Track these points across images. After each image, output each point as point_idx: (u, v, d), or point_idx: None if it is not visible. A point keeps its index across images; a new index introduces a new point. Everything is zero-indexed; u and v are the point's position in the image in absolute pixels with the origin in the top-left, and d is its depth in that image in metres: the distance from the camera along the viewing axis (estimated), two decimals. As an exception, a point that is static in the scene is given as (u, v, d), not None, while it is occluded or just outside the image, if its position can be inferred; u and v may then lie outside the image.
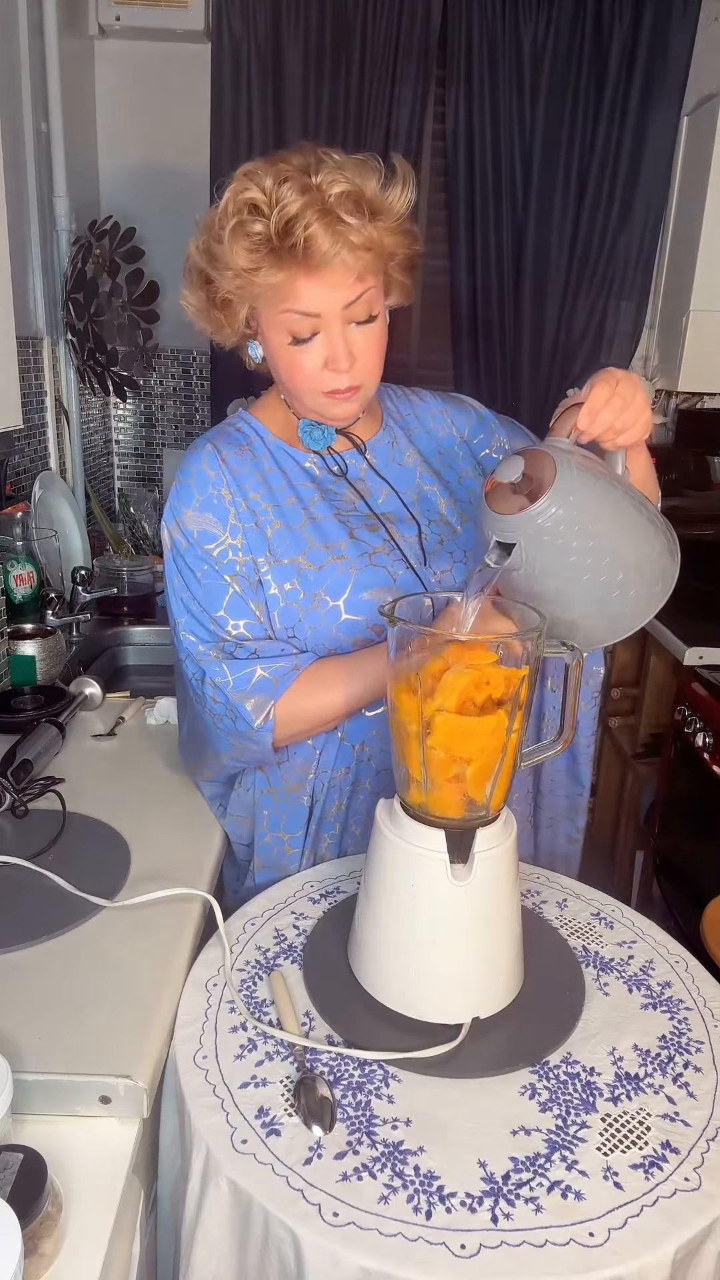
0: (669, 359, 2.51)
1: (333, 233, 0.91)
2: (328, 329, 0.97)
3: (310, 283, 0.95)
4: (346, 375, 1.00)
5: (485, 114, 2.38)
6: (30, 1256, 0.64)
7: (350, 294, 0.96)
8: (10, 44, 1.92)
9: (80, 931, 0.95)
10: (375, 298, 0.99)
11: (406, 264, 1.04)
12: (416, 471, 1.16)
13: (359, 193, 0.94)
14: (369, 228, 0.93)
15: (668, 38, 2.32)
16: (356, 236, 0.92)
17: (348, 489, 1.12)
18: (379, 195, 0.96)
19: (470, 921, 0.84)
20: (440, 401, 1.24)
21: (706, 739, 1.93)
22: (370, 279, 0.97)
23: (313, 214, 0.91)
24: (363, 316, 0.98)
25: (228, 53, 2.35)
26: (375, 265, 0.97)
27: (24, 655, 1.58)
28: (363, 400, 1.05)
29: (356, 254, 0.93)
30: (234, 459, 1.09)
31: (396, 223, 0.97)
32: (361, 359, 1.00)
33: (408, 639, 0.85)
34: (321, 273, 0.94)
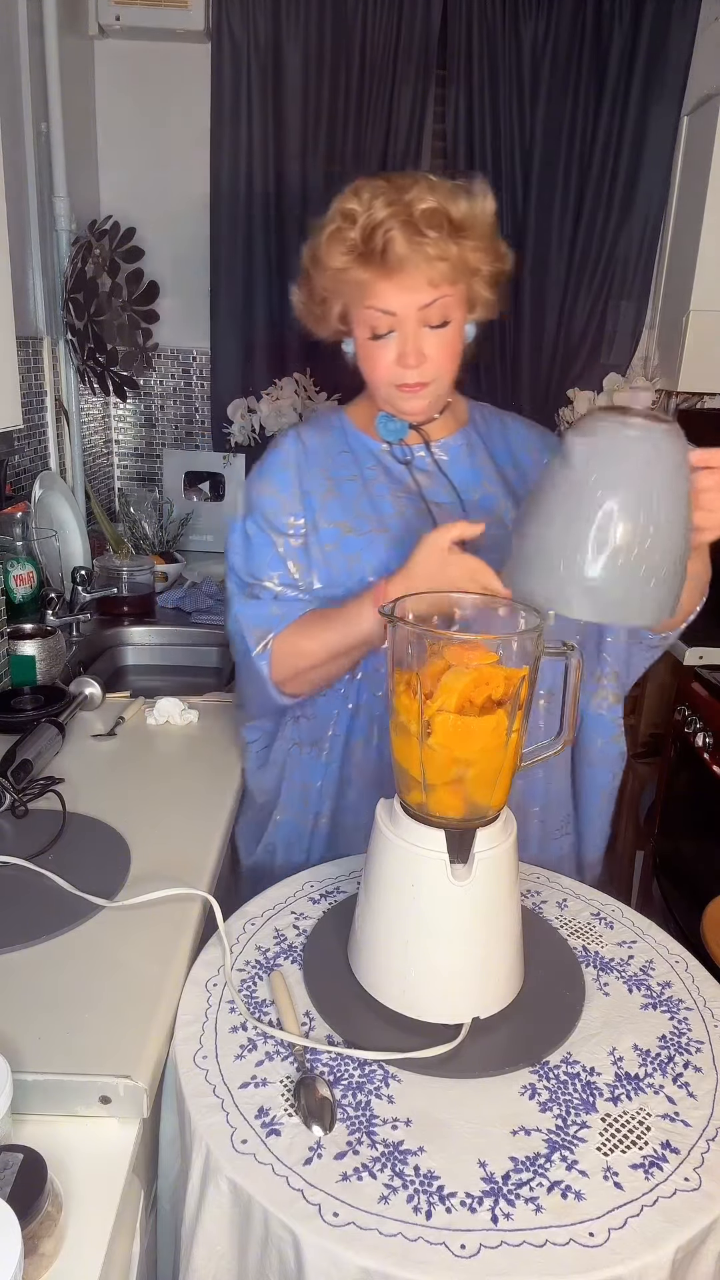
0: (669, 359, 2.51)
1: (411, 242, 1.02)
2: (402, 328, 1.07)
3: (389, 284, 1.05)
4: (415, 372, 1.09)
5: (485, 114, 2.38)
6: (30, 1256, 0.64)
7: (425, 298, 1.05)
8: (10, 44, 1.92)
9: (80, 931, 0.95)
10: (451, 306, 1.07)
11: (491, 280, 1.12)
12: (484, 474, 1.22)
13: (444, 211, 1.03)
14: (449, 243, 1.03)
15: (668, 38, 2.32)
16: (434, 248, 1.02)
17: (410, 478, 1.21)
18: (466, 215, 1.05)
19: (470, 921, 0.84)
20: (531, 430, 1.29)
21: (706, 739, 1.93)
22: (446, 288, 1.06)
23: (395, 223, 1.02)
24: (436, 321, 1.07)
25: (228, 53, 2.35)
26: (453, 276, 1.06)
27: (24, 655, 1.58)
28: (431, 397, 1.13)
29: (432, 263, 1.03)
30: (313, 440, 1.23)
31: (480, 242, 1.07)
32: (432, 359, 1.09)
33: (407, 639, 0.85)
34: (398, 276, 1.04)
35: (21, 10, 1.93)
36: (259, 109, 2.38)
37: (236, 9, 2.31)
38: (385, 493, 1.20)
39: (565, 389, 2.59)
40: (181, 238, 2.54)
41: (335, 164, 2.40)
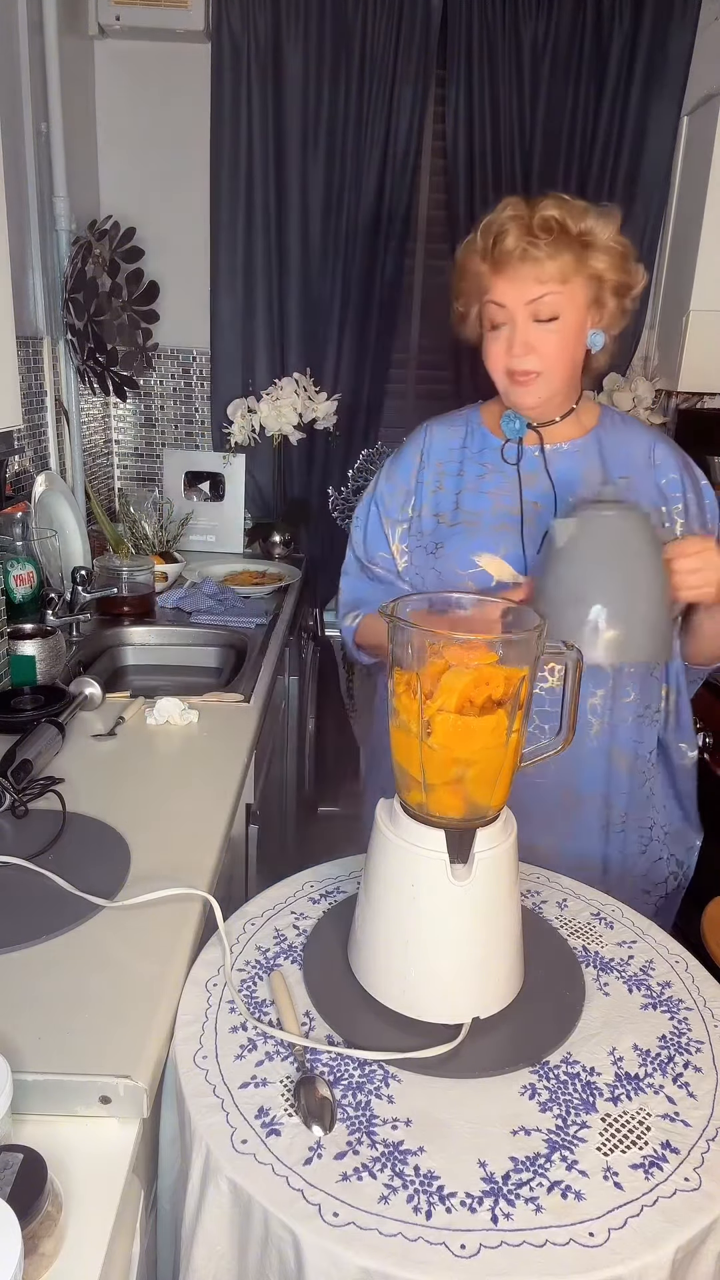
0: (669, 359, 2.51)
1: (521, 241, 1.14)
2: (512, 320, 1.18)
3: (500, 279, 1.18)
4: (521, 360, 1.19)
5: (485, 114, 2.38)
6: (30, 1256, 0.64)
7: (532, 293, 1.16)
8: (10, 44, 1.92)
9: (80, 931, 0.95)
10: (561, 304, 1.17)
11: (617, 289, 1.21)
12: (587, 480, 1.27)
13: (560, 219, 1.15)
14: (561, 248, 1.15)
15: (668, 37, 2.32)
16: (543, 249, 1.14)
17: (516, 475, 1.30)
18: (587, 227, 1.16)
19: (470, 921, 0.84)
20: (662, 445, 1.32)
21: (706, 739, 1.93)
22: (555, 285, 1.16)
23: (512, 225, 1.15)
24: (545, 315, 1.17)
25: (228, 53, 2.35)
26: (562, 276, 1.16)
27: (24, 655, 1.58)
28: (544, 393, 1.22)
29: (540, 263, 1.15)
30: (439, 434, 1.37)
31: (603, 254, 1.17)
32: (540, 351, 1.19)
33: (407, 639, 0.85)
34: (507, 271, 1.17)
35: (21, 10, 1.93)
36: (259, 109, 2.38)
37: (236, 9, 2.31)
38: (489, 488, 1.30)
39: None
40: (181, 238, 2.54)
41: (335, 164, 2.40)
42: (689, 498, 1.29)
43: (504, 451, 1.31)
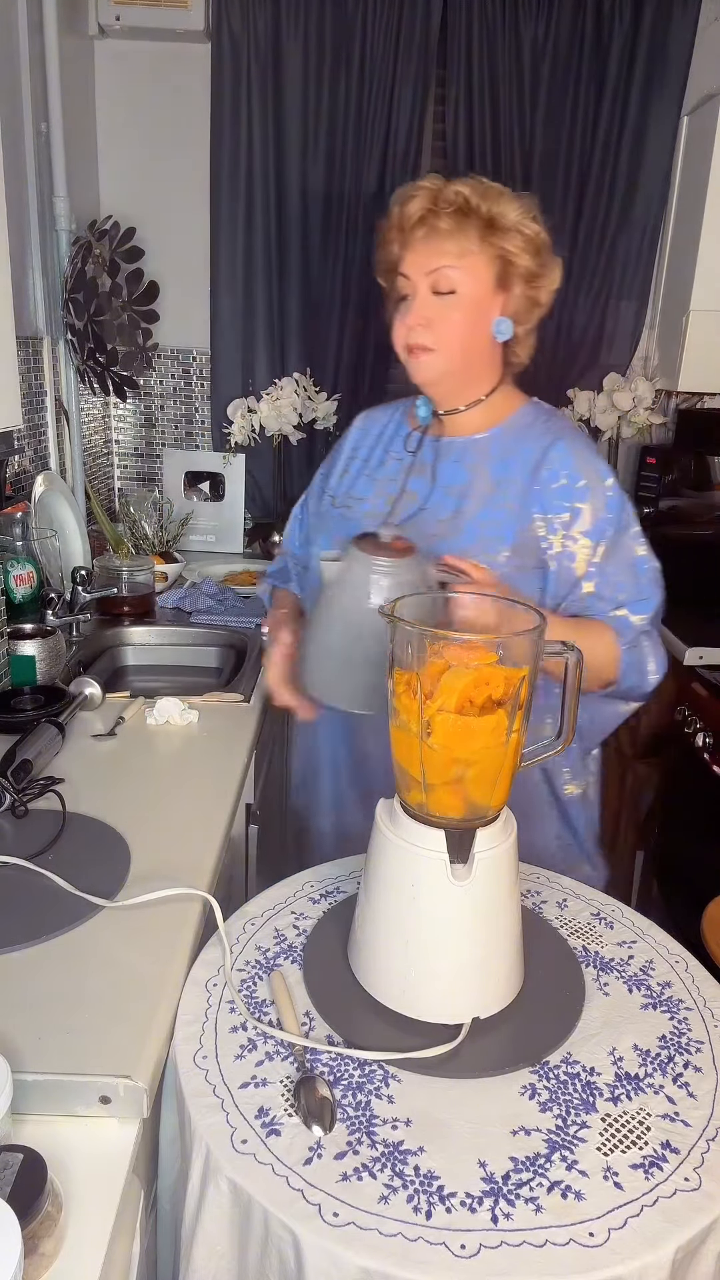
0: (669, 359, 2.51)
1: (427, 213, 1.15)
2: (414, 291, 1.17)
3: (406, 251, 1.17)
4: (417, 331, 1.17)
5: (485, 114, 2.38)
6: (30, 1256, 0.64)
7: (431, 263, 1.15)
8: (10, 44, 1.92)
9: (80, 931, 0.95)
10: (460, 279, 1.15)
11: (526, 276, 1.19)
12: (474, 477, 1.24)
13: (470, 197, 1.14)
14: (467, 224, 1.14)
15: (668, 38, 2.32)
16: (443, 222, 1.14)
17: (407, 464, 1.29)
18: (498, 211, 1.14)
19: (470, 921, 0.84)
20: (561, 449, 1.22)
21: (706, 739, 1.93)
22: (453, 260, 1.14)
23: (420, 196, 1.15)
24: (443, 288, 1.16)
25: (228, 53, 2.35)
26: (462, 251, 1.14)
27: (24, 655, 1.58)
28: (437, 366, 1.19)
29: (440, 234, 1.14)
30: (371, 417, 1.39)
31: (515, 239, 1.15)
32: (436, 325, 1.17)
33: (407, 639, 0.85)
34: (411, 241, 1.16)
35: (21, 10, 1.93)
36: (259, 109, 2.38)
37: (236, 9, 2.31)
38: (381, 475, 1.30)
39: (565, 389, 2.59)
40: (181, 238, 2.54)
41: (335, 164, 2.40)
42: (579, 506, 1.20)
43: (407, 439, 1.30)
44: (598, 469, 1.22)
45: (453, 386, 1.23)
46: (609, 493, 1.21)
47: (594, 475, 1.21)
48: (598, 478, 1.21)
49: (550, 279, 1.21)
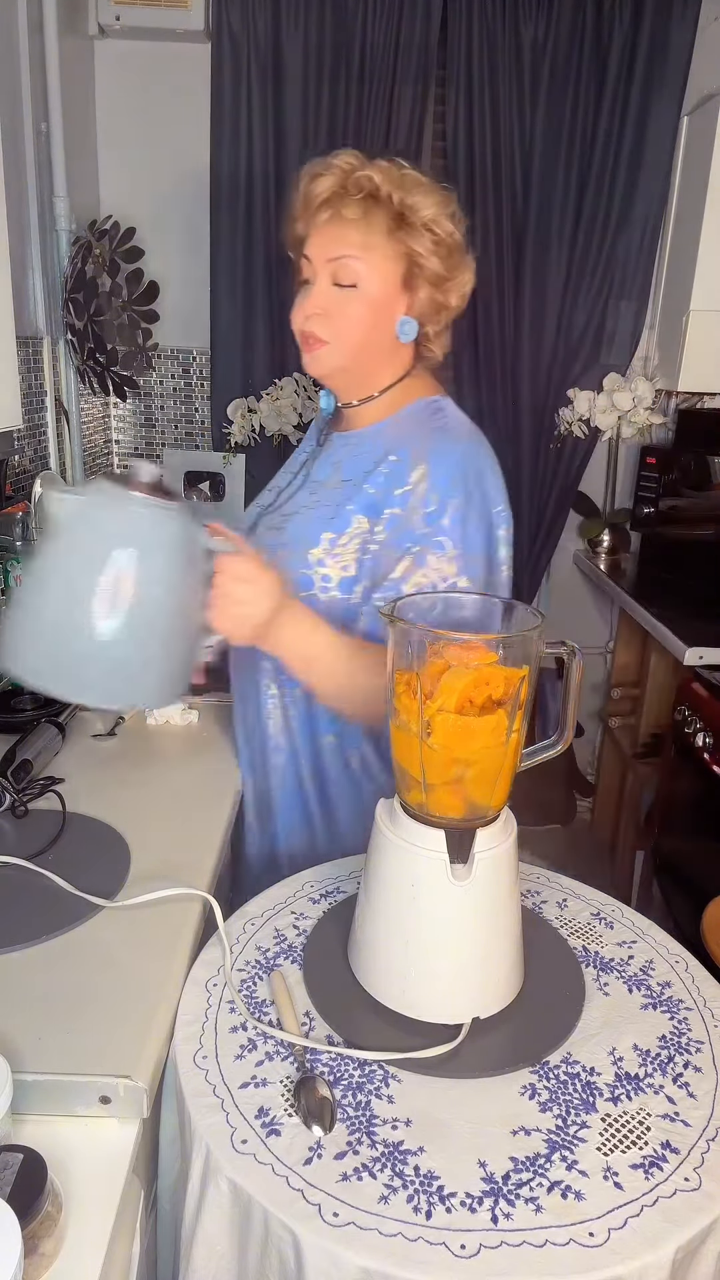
0: (669, 359, 2.51)
1: (334, 194, 1.09)
2: (316, 277, 1.11)
3: (310, 232, 1.11)
4: (311, 321, 1.11)
5: (485, 114, 2.38)
6: (30, 1256, 0.64)
7: (333, 250, 1.09)
8: (10, 44, 1.92)
9: (80, 931, 0.95)
10: (363, 272, 1.09)
11: (433, 279, 1.12)
12: (332, 474, 1.20)
13: (382, 185, 1.08)
14: (374, 213, 1.08)
15: (668, 38, 2.32)
16: (352, 210, 1.08)
17: (311, 455, 1.27)
18: (410, 202, 1.09)
19: (470, 921, 0.84)
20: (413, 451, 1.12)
21: (706, 739, 1.93)
22: (356, 251, 1.08)
23: (330, 176, 1.10)
24: (344, 280, 1.09)
25: (228, 53, 2.35)
26: (366, 243, 1.08)
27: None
28: (330, 361, 1.13)
29: (344, 221, 1.08)
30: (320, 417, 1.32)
31: (424, 235, 1.09)
32: (332, 318, 1.11)
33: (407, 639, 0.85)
34: (315, 222, 1.10)
35: (21, 10, 1.94)
36: (259, 109, 2.38)
37: (236, 9, 2.31)
38: (294, 467, 1.29)
39: (565, 389, 2.59)
40: (181, 238, 2.54)
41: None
42: (401, 512, 1.09)
43: (321, 432, 1.28)
44: (446, 481, 1.09)
45: (348, 382, 1.18)
46: (460, 514, 1.08)
47: (438, 489, 1.09)
48: (445, 491, 1.09)
49: (460, 282, 1.15)
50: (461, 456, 1.13)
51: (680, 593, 2.31)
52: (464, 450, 1.14)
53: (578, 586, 2.93)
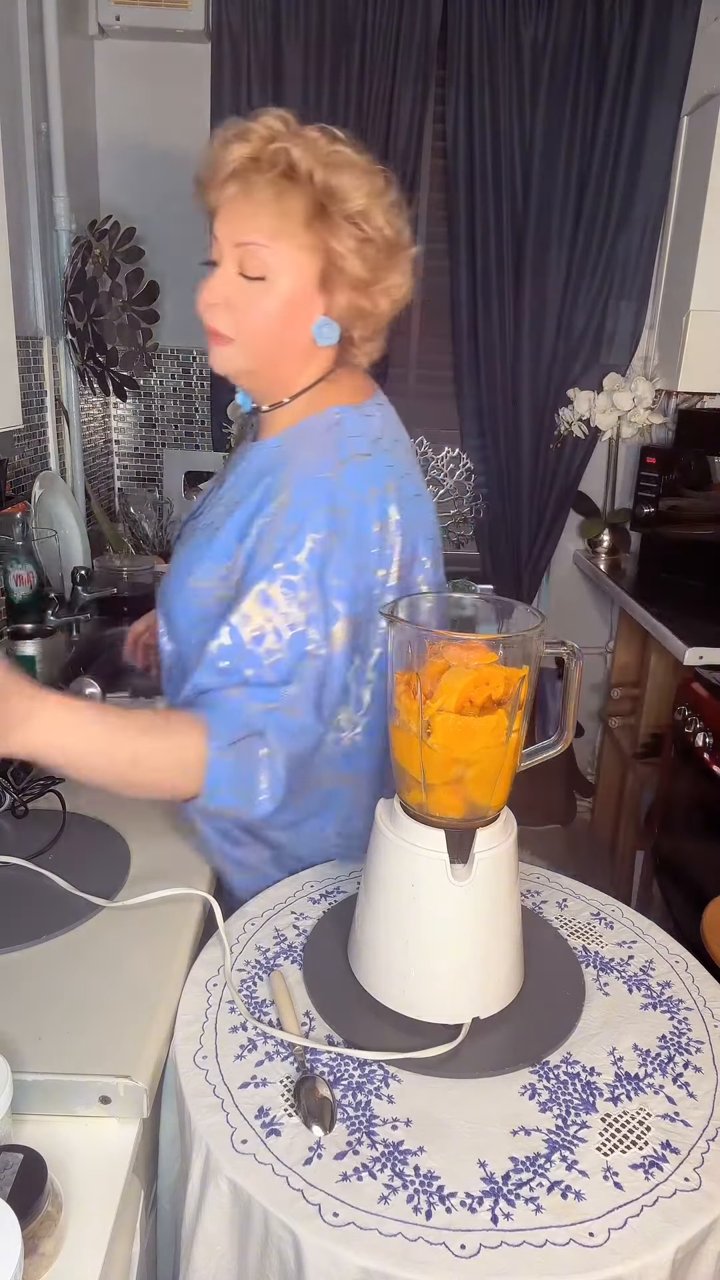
0: (669, 359, 2.51)
1: (243, 168, 0.93)
2: (221, 262, 0.96)
3: (219, 207, 0.96)
4: (213, 312, 0.97)
5: (485, 114, 2.38)
6: (30, 1256, 0.64)
7: (241, 233, 0.94)
8: (10, 44, 1.92)
9: (80, 931, 0.95)
10: (273, 265, 0.94)
11: (356, 284, 0.96)
12: (224, 492, 1.08)
13: (302, 160, 0.92)
14: (291, 195, 0.92)
15: (668, 38, 2.32)
16: (264, 189, 0.92)
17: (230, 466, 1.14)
18: (336, 184, 0.93)
19: (470, 921, 0.84)
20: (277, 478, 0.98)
21: (706, 739, 1.93)
22: (266, 240, 0.93)
23: (242, 149, 0.93)
24: (252, 271, 0.95)
25: (228, 53, 2.35)
26: (278, 232, 0.93)
27: (24, 655, 1.58)
28: (236, 361, 0.99)
29: (254, 202, 0.93)
30: None
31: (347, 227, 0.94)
32: (241, 314, 0.96)
33: (407, 639, 0.85)
34: (222, 199, 0.95)
35: (21, 10, 1.94)
36: (259, 109, 2.38)
37: (236, 9, 2.31)
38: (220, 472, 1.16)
39: (565, 389, 2.59)
40: (181, 238, 2.54)
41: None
42: (255, 544, 0.96)
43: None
44: (308, 512, 0.94)
45: (256, 385, 1.04)
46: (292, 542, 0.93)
47: (296, 517, 0.94)
48: (295, 520, 0.94)
49: (390, 286, 0.99)
50: (334, 486, 0.95)
51: (680, 593, 2.31)
52: (343, 477, 0.96)
53: (578, 586, 2.93)
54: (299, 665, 0.93)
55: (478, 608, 0.95)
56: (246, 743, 0.91)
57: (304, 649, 0.93)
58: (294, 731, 0.93)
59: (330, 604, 0.94)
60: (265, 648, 0.92)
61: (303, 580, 0.93)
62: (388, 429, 1.05)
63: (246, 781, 0.92)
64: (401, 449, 1.06)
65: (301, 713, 0.94)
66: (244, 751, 0.91)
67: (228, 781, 0.91)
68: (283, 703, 0.92)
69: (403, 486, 1.01)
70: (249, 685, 0.92)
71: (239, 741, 0.90)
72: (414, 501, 1.03)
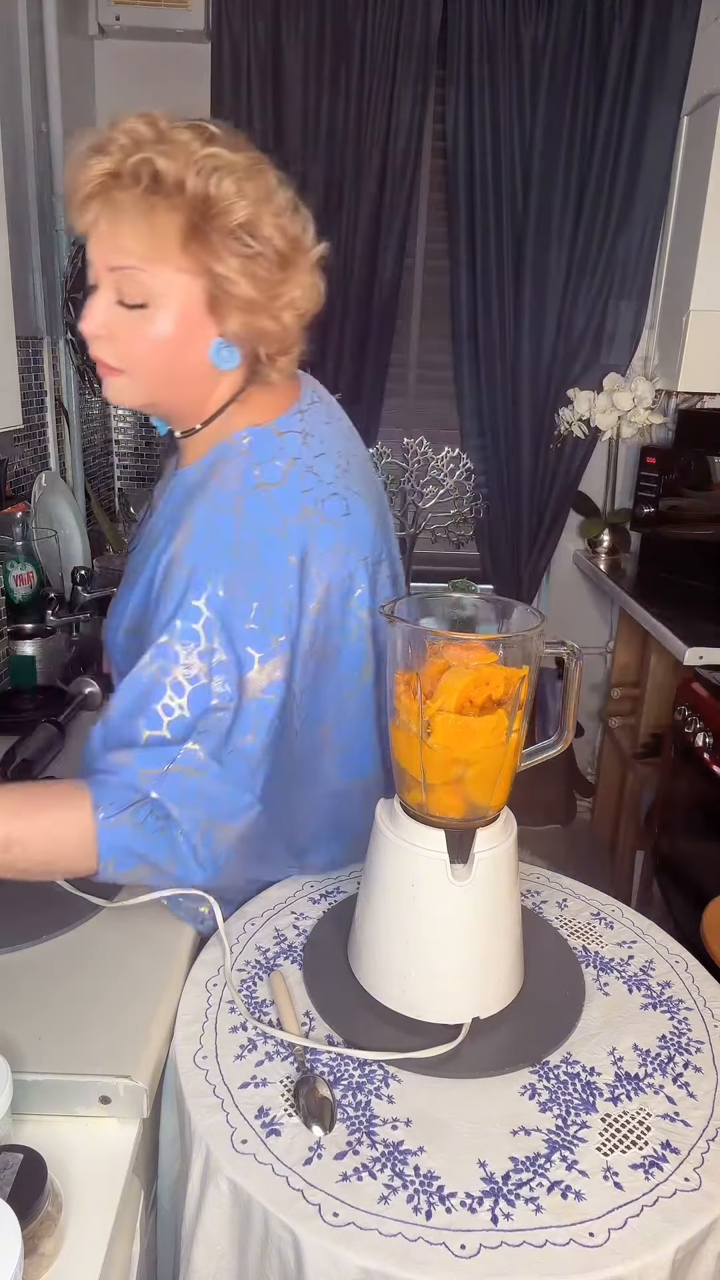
0: (669, 359, 2.51)
1: (104, 186, 0.82)
2: (99, 287, 0.88)
3: (88, 231, 0.86)
4: (97, 343, 0.89)
5: (485, 114, 2.38)
6: (30, 1256, 0.64)
7: (111, 258, 0.85)
8: (10, 44, 1.92)
9: (80, 931, 0.95)
10: (154, 290, 0.85)
11: (248, 306, 0.87)
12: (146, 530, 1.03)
13: (159, 173, 0.81)
14: (160, 208, 0.82)
15: (668, 38, 2.32)
16: (130, 209, 0.82)
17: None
18: (210, 188, 0.82)
19: (470, 921, 0.84)
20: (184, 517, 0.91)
21: (706, 739, 1.93)
22: (140, 264, 0.84)
23: (101, 165, 0.82)
24: (129, 299, 0.86)
25: (228, 53, 2.35)
26: (149, 254, 0.84)
27: (24, 655, 1.58)
28: (128, 394, 0.92)
29: (118, 223, 0.83)
30: None
31: (223, 239, 0.84)
32: (125, 344, 0.88)
33: (407, 639, 0.85)
34: (86, 222, 0.85)
35: (21, 10, 1.93)
36: (259, 109, 2.38)
37: (236, 9, 2.31)
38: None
39: (565, 389, 2.59)
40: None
41: (335, 164, 2.40)
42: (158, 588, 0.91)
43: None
44: (206, 550, 0.87)
45: (164, 415, 0.96)
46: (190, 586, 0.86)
47: (193, 554, 0.88)
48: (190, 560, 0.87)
49: (290, 299, 0.89)
50: (237, 522, 0.87)
51: (680, 593, 2.32)
52: (247, 511, 0.88)
53: (578, 586, 2.93)
54: (202, 721, 0.86)
55: (478, 608, 0.95)
56: (136, 809, 0.84)
57: (207, 704, 0.86)
58: (201, 793, 0.86)
59: (240, 650, 0.87)
60: (163, 704, 0.85)
61: (203, 628, 0.85)
62: (312, 440, 0.95)
63: (155, 850, 0.85)
64: (329, 462, 0.95)
65: (205, 773, 0.86)
66: (140, 818, 0.84)
67: (128, 852, 0.85)
68: (182, 763, 0.85)
69: (327, 508, 0.92)
70: (145, 747, 0.85)
71: (132, 808, 0.84)
72: (346, 522, 0.94)
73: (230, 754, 0.88)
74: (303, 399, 0.98)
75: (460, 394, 2.62)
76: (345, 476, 0.97)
